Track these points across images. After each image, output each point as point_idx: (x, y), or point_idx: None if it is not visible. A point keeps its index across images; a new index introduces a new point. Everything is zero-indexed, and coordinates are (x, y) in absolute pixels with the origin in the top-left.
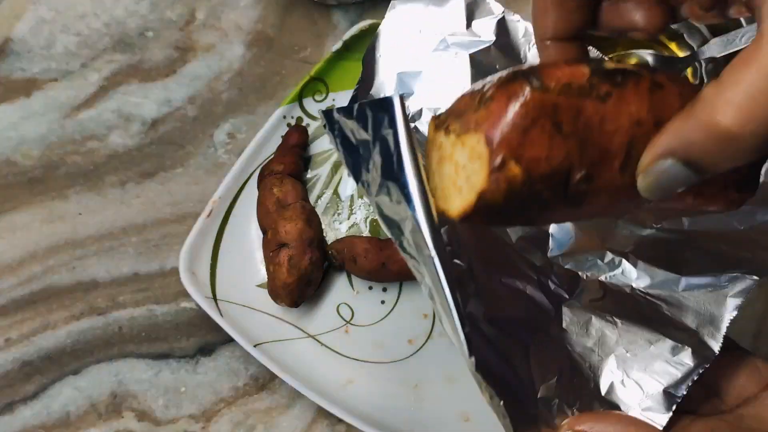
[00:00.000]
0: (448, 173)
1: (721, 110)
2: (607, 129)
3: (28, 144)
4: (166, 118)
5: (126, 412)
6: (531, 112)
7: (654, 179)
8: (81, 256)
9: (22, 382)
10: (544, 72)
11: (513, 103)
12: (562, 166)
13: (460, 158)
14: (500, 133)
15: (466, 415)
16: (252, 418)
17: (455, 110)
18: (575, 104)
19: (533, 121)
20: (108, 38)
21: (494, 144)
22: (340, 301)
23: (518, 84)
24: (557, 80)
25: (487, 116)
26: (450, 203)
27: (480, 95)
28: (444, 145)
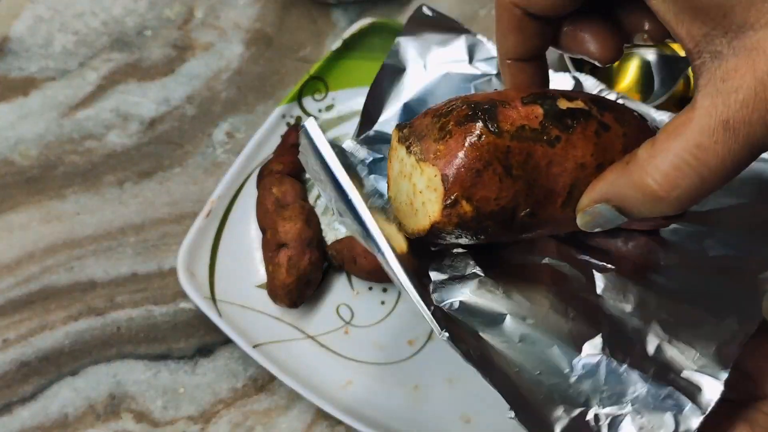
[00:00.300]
0: (406, 190)
1: (650, 174)
2: (554, 171)
3: (25, 143)
4: (165, 117)
5: (124, 413)
6: (485, 155)
7: (590, 218)
8: (79, 256)
9: (20, 383)
10: (501, 114)
11: (469, 146)
12: (509, 204)
13: (418, 183)
14: (455, 173)
15: (466, 417)
16: (251, 420)
17: (417, 129)
18: (526, 148)
19: (486, 165)
20: (106, 37)
21: (449, 183)
22: (339, 301)
23: (475, 126)
24: (512, 123)
25: (445, 152)
26: (406, 221)
27: (441, 123)
28: (405, 162)
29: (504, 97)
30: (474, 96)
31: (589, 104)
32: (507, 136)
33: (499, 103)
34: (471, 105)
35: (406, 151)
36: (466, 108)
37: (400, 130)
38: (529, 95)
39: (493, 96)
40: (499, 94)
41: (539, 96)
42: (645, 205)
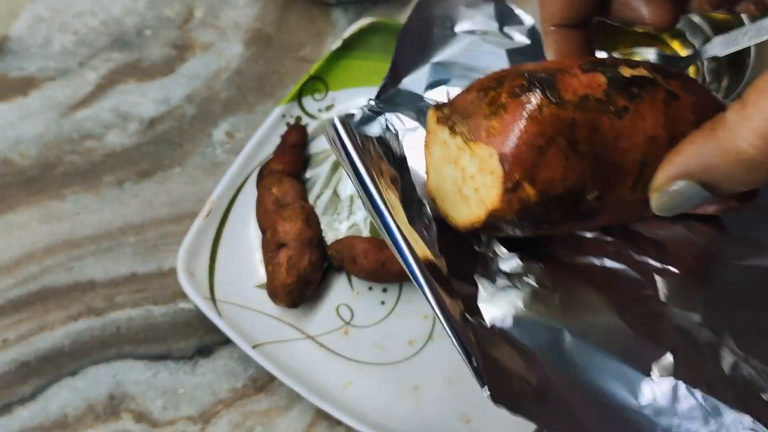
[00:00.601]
0: (452, 177)
1: (745, 138)
2: (622, 146)
3: (25, 143)
4: (164, 117)
5: (124, 414)
6: (548, 130)
7: (668, 199)
8: (78, 257)
9: (20, 384)
10: (560, 82)
11: (529, 119)
12: (576, 186)
13: (469, 167)
14: (515, 151)
15: (466, 417)
16: (251, 420)
17: (461, 107)
18: (592, 120)
19: (549, 140)
20: (105, 37)
21: (508, 163)
22: (339, 301)
23: (534, 96)
24: (574, 92)
25: (501, 129)
26: (456, 212)
27: (491, 98)
28: (448, 145)
29: (559, 65)
30: (524, 65)
31: (653, 72)
32: (570, 107)
33: (557, 71)
34: (525, 74)
35: (449, 133)
36: (519, 78)
37: (439, 109)
38: (586, 62)
39: (547, 64)
40: (553, 63)
41: (599, 63)
42: (738, 175)
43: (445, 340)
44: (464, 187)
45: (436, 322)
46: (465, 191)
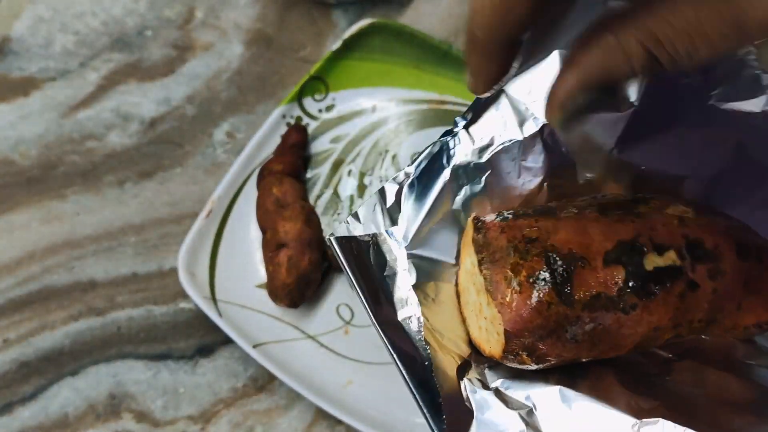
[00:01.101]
0: (473, 302)
1: None
2: (623, 332)
3: (26, 144)
4: (165, 117)
5: (124, 413)
6: (551, 324)
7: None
8: (79, 257)
9: (20, 383)
10: (577, 278)
11: (535, 312)
12: (570, 358)
13: (485, 309)
14: (517, 333)
15: None
16: (251, 419)
17: (493, 245)
18: (597, 317)
19: (550, 333)
20: (106, 37)
21: (510, 339)
22: (339, 301)
23: (544, 292)
24: (587, 290)
25: (511, 307)
26: (470, 326)
27: (514, 263)
28: (475, 275)
29: (586, 249)
30: (557, 233)
31: (683, 255)
32: (579, 306)
33: (579, 261)
34: (548, 258)
35: (478, 265)
36: (541, 261)
37: (477, 229)
38: (615, 246)
39: (574, 246)
40: (580, 244)
41: (626, 249)
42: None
43: None
44: (480, 318)
45: None
46: (480, 322)
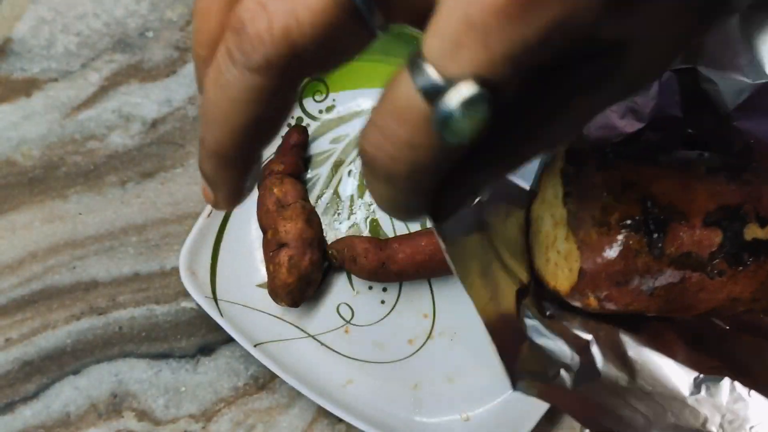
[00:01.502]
0: (545, 232)
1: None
2: (701, 297)
3: (28, 144)
4: (167, 118)
5: (126, 412)
6: (632, 272)
7: None
8: (81, 256)
9: (23, 382)
10: (671, 233)
11: (620, 257)
12: (637, 311)
13: (560, 243)
14: (593, 275)
15: (466, 415)
16: (252, 418)
17: (584, 184)
18: (681, 275)
19: (629, 281)
20: (108, 38)
21: (583, 279)
22: (340, 301)
23: (636, 240)
24: (679, 247)
25: (594, 247)
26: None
27: (607, 205)
28: (556, 206)
29: (687, 205)
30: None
31: None
32: (666, 260)
33: (677, 215)
34: (646, 205)
35: (562, 197)
36: (638, 208)
37: (569, 161)
38: (718, 208)
39: (675, 200)
40: (682, 199)
41: (728, 214)
42: None
43: (444, 338)
44: (550, 251)
45: (436, 321)
46: (550, 255)
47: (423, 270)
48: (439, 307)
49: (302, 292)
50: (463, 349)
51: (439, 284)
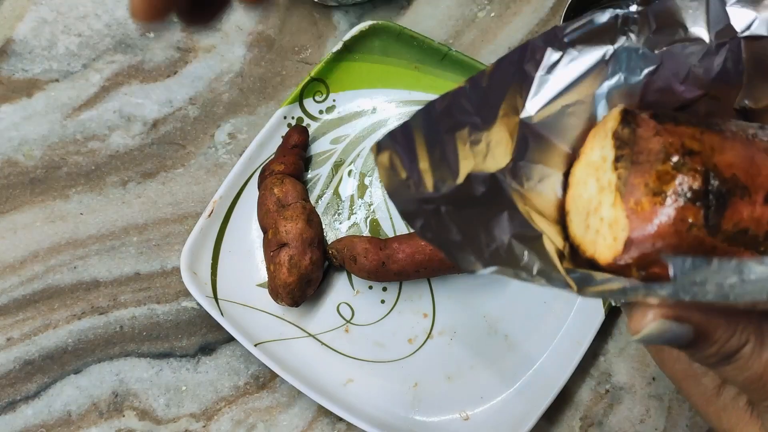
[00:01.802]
0: (589, 197)
1: None
2: None
3: (29, 144)
4: (167, 118)
5: (127, 411)
6: (682, 245)
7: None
8: (82, 256)
9: (24, 381)
10: (730, 208)
11: (671, 228)
12: None
13: (605, 208)
14: (640, 245)
15: (465, 414)
16: (252, 417)
17: (640, 144)
18: (734, 252)
19: (677, 253)
20: (109, 39)
21: (629, 248)
22: (340, 300)
23: (692, 212)
24: (737, 223)
25: (645, 215)
26: (573, 223)
27: (663, 171)
28: (605, 168)
29: (751, 179)
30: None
31: None
32: (720, 237)
33: (740, 189)
34: (708, 177)
35: (613, 159)
36: (698, 176)
37: (625, 123)
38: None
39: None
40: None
41: None
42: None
43: (443, 337)
44: (593, 215)
45: (436, 321)
46: (591, 219)
47: (423, 269)
48: (439, 307)
49: (302, 291)
50: (462, 348)
51: (438, 284)
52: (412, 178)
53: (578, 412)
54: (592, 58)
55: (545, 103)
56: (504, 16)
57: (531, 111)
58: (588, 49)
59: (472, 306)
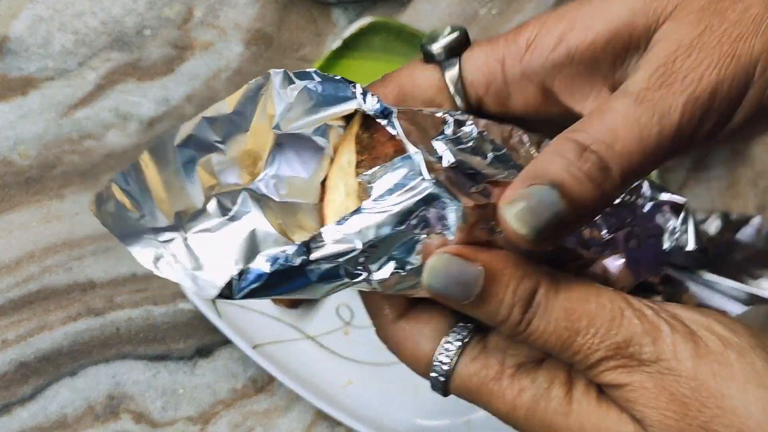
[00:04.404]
0: (338, 210)
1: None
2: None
3: (24, 143)
4: (164, 117)
5: (123, 414)
6: None
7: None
8: (78, 257)
9: (19, 384)
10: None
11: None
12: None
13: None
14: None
15: (467, 418)
16: (250, 421)
17: (378, 153)
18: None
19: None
20: (105, 36)
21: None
22: (339, 301)
23: None
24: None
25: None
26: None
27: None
28: (348, 183)
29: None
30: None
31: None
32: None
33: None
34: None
35: (355, 163)
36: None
37: (365, 126)
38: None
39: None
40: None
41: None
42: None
43: None
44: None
45: None
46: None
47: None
48: None
49: None
50: None
51: None
52: (146, 215)
53: None
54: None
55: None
56: (506, 13)
57: (283, 124)
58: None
59: None
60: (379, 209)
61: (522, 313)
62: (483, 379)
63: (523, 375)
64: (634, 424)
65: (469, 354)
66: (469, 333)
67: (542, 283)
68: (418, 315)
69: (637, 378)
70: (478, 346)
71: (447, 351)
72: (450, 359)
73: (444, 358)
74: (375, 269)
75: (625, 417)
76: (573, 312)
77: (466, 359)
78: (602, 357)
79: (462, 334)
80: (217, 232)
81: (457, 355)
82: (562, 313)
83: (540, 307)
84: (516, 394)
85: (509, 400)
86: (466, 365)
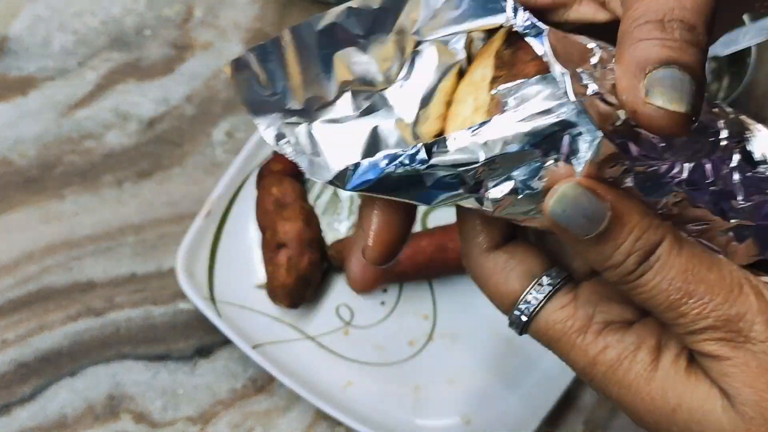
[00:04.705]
0: (461, 123)
1: None
2: None
3: (24, 143)
4: (164, 117)
5: (123, 414)
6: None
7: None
8: (78, 257)
9: (19, 384)
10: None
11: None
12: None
13: (466, 110)
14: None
15: (467, 418)
16: (250, 421)
17: (518, 71)
18: None
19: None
20: (105, 36)
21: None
22: (339, 302)
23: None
24: None
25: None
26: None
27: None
28: (478, 98)
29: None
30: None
31: None
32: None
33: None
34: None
35: (490, 79)
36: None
37: (508, 42)
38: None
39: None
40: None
41: None
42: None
43: (444, 339)
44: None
45: (437, 323)
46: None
47: (423, 271)
48: (440, 308)
49: (301, 293)
50: (464, 350)
51: (439, 285)
52: (278, 94)
53: (582, 415)
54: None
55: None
56: None
57: (424, 30)
58: None
59: (474, 308)
60: (510, 125)
61: (637, 264)
62: (567, 329)
63: (610, 333)
64: (723, 400)
65: (558, 300)
66: (562, 280)
67: (667, 238)
68: (513, 250)
69: (741, 354)
70: (569, 295)
71: (537, 292)
72: (538, 301)
73: (532, 299)
74: (491, 186)
75: (715, 391)
76: (692, 275)
77: (554, 305)
78: (709, 326)
79: (556, 279)
80: (344, 124)
81: (546, 298)
82: (679, 274)
83: (658, 263)
84: (599, 350)
85: (591, 355)
86: (554, 311)
